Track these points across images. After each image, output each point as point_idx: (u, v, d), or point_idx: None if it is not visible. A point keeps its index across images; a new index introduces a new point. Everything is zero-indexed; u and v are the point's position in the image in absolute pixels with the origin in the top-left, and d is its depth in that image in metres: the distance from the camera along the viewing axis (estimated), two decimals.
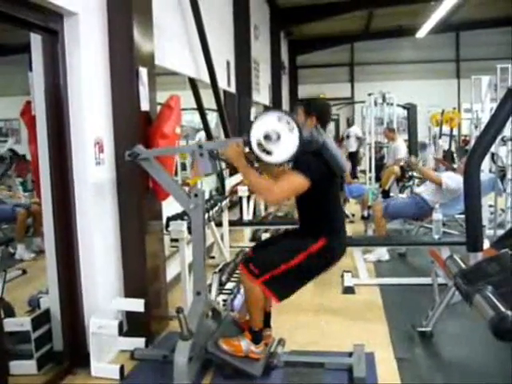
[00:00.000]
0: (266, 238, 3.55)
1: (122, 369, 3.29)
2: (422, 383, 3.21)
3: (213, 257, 5.83)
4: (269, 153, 2.91)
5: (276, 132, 2.86)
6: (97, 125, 3.45)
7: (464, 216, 2.47)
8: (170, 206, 4.11)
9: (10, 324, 3.25)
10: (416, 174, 8.60)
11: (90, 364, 3.29)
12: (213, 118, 9.40)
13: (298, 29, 14.88)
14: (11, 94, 10.23)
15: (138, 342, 3.59)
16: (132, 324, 3.71)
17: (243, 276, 3.25)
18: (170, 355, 3.16)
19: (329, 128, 3.32)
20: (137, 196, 3.71)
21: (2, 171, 7.71)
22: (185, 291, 4.09)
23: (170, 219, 4.21)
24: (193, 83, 6.66)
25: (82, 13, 3.24)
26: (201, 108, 6.96)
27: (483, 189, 3.89)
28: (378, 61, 17.89)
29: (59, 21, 3.17)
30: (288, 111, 3.02)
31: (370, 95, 10.76)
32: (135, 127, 3.65)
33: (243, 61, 8.48)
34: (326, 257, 3.16)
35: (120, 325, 3.34)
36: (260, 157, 2.96)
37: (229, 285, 4.44)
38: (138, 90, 3.63)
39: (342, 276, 5.12)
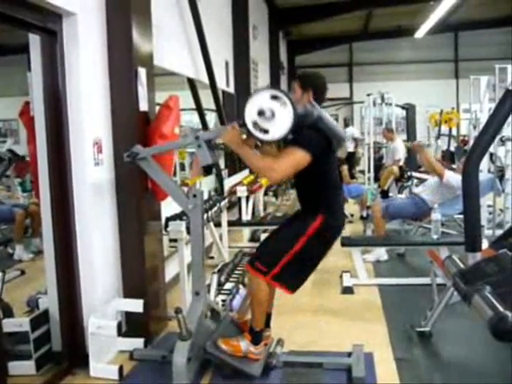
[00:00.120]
0: (267, 235, 3.55)
1: (121, 369, 3.29)
2: (421, 383, 3.21)
3: (212, 257, 5.83)
4: (266, 131, 2.88)
5: (270, 109, 2.83)
6: (95, 125, 3.45)
7: (463, 216, 2.47)
8: (169, 207, 4.11)
9: (9, 324, 3.24)
10: (415, 174, 8.62)
11: (89, 364, 3.29)
12: (212, 119, 9.39)
13: (297, 29, 14.87)
14: (10, 95, 10.22)
15: (137, 343, 3.59)
16: (131, 324, 3.70)
17: (250, 276, 3.26)
18: (169, 355, 3.16)
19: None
20: (136, 196, 3.70)
21: (1, 172, 7.70)
22: (184, 291, 4.09)
23: (169, 219, 4.21)
24: (191, 83, 6.66)
25: (81, 13, 3.24)
26: (200, 108, 6.96)
27: (482, 189, 3.90)
28: (377, 61, 17.88)
29: (58, 21, 3.17)
30: (279, 87, 3.00)
31: (369, 95, 10.77)
32: (134, 127, 3.65)
33: (242, 61, 8.48)
34: (325, 236, 3.17)
35: (119, 325, 3.33)
36: (257, 137, 2.93)
37: (228, 285, 4.43)
38: (137, 91, 3.63)
39: (341, 276, 5.12)
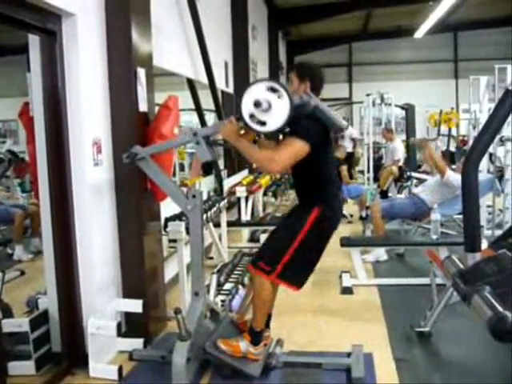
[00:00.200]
0: (267, 235, 3.55)
1: (121, 369, 3.29)
2: (421, 383, 3.22)
3: (211, 257, 5.83)
4: (263, 123, 2.87)
5: (266, 100, 2.82)
6: (95, 125, 3.45)
7: (462, 216, 2.47)
8: (169, 207, 4.11)
9: (9, 325, 3.24)
10: (414, 174, 8.62)
11: (89, 365, 3.29)
12: (211, 119, 9.39)
13: (296, 29, 14.89)
14: (9, 95, 10.21)
15: (137, 343, 3.59)
16: (130, 325, 3.70)
17: (253, 276, 3.26)
18: (169, 356, 3.16)
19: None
20: (135, 197, 3.70)
21: (1, 172, 7.70)
22: (183, 292, 4.09)
23: (169, 220, 4.21)
24: (191, 84, 6.66)
25: (80, 13, 3.23)
26: (199, 109, 6.96)
27: (481, 189, 3.90)
28: (377, 61, 17.91)
29: (57, 22, 3.17)
30: (274, 79, 2.99)
31: (368, 95, 10.76)
32: (133, 128, 3.65)
33: (241, 61, 8.48)
34: (323, 227, 3.16)
35: (118, 325, 3.33)
36: (255, 129, 2.92)
37: (227, 285, 4.43)
38: (136, 91, 3.63)
39: (341, 276, 5.12)
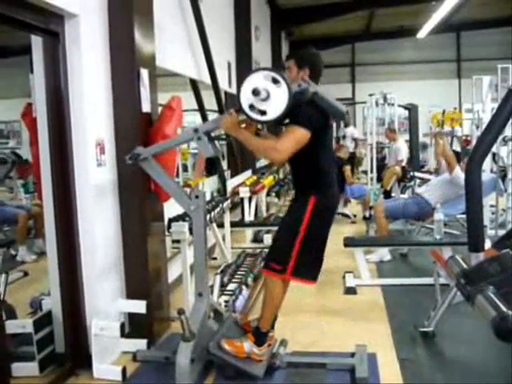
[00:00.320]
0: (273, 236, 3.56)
1: (124, 370, 3.29)
2: (425, 383, 3.21)
3: (215, 258, 5.83)
4: (263, 112, 2.86)
5: (264, 89, 2.80)
6: (98, 126, 3.45)
7: (465, 216, 2.46)
8: (172, 208, 4.11)
9: (12, 326, 3.25)
10: (417, 174, 8.61)
11: (92, 365, 3.29)
12: None
13: (299, 29, 14.88)
14: (12, 96, 10.24)
15: (140, 344, 3.59)
16: (134, 325, 3.70)
17: (266, 278, 3.26)
18: (172, 357, 3.16)
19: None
20: (138, 197, 3.71)
21: (4, 173, 7.73)
22: (186, 292, 4.10)
23: (172, 220, 4.22)
24: (194, 84, 6.66)
25: (83, 14, 3.24)
26: (202, 109, 6.97)
27: (484, 189, 3.88)
28: (379, 61, 17.87)
29: (60, 22, 3.18)
30: (272, 67, 2.98)
31: (372, 96, 10.75)
32: (136, 128, 3.66)
33: (244, 62, 8.48)
34: (322, 214, 3.15)
35: (122, 326, 3.34)
36: (256, 119, 2.90)
37: (230, 286, 4.44)
38: (139, 92, 3.63)
39: (344, 277, 5.12)
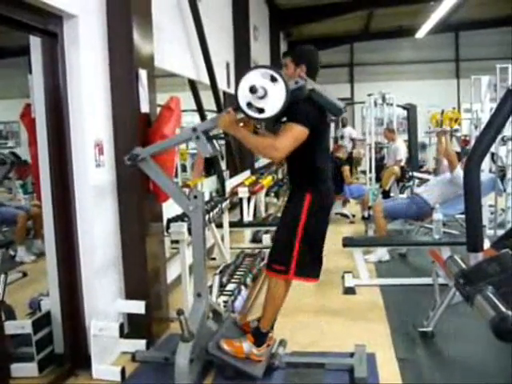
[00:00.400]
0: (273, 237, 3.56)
1: (124, 371, 3.29)
2: (424, 383, 3.21)
3: (213, 258, 5.83)
4: (261, 110, 2.86)
5: (261, 86, 2.80)
6: (97, 127, 3.45)
7: (464, 216, 2.46)
8: (171, 208, 4.11)
9: (11, 327, 3.24)
10: (416, 174, 8.61)
11: (91, 366, 3.29)
12: None
13: (298, 30, 14.88)
14: (11, 97, 10.24)
15: (139, 344, 3.59)
16: (133, 326, 3.71)
17: (269, 279, 3.27)
18: (171, 357, 3.16)
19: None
20: (137, 198, 3.70)
21: (3, 174, 7.72)
22: (185, 293, 4.09)
23: (171, 221, 4.21)
24: (192, 85, 6.66)
25: (82, 15, 3.24)
26: (201, 109, 6.96)
27: (483, 189, 3.88)
28: (378, 61, 17.87)
29: (58, 23, 3.17)
30: (268, 65, 2.97)
31: (370, 96, 10.75)
32: (135, 129, 3.66)
33: (243, 62, 8.48)
34: (318, 210, 3.16)
35: (121, 327, 3.34)
36: (254, 117, 2.90)
37: (229, 286, 4.44)
38: (138, 92, 3.63)
39: (343, 277, 5.13)
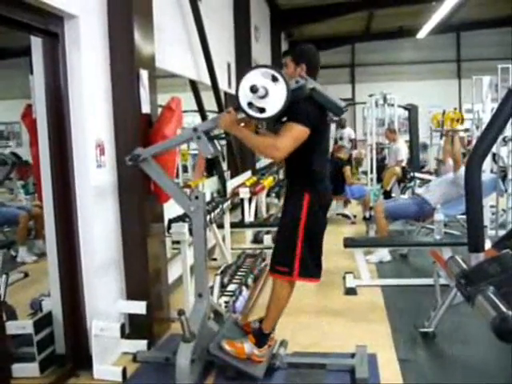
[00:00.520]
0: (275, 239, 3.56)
1: (125, 371, 3.30)
2: None
3: (215, 259, 5.83)
4: (262, 110, 2.86)
5: (262, 86, 2.80)
6: (98, 127, 3.45)
7: (465, 216, 2.46)
8: (172, 208, 4.11)
9: (13, 327, 3.25)
10: (418, 175, 8.60)
11: (93, 366, 3.29)
12: None
13: (299, 30, 14.88)
14: (12, 98, 10.23)
15: (141, 345, 3.59)
16: (134, 326, 3.71)
17: (274, 281, 3.27)
18: (173, 357, 3.16)
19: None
20: (138, 198, 3.71)
21: (5, 174, 7.73)
22: (187, 293, 4.09)
23: (172, 221, 4.21)
24: (193, 85, 6.66)
25: (82, 15, 3.24)
26: (202, 110, 6.96)
27: (485, 189, 3.89)
28: (379, 62, 17.87)
29: (59, 23, 3.18)
30: (269, 64, 2.97)
31: (371, 96, 10.75)
32: (136, 129, 3.66)
33: (244, 62, 8.48)
34: (318, 212, 3.16)
35: (122, 327, 3.34)
36: (255, 116, 2.90)
37: (231, 287, 4.43)
38: (139, 93, 3.63)
39: (344, 277, 5.12)
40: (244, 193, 6.69)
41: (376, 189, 9.29)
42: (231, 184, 6.99)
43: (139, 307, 3.60)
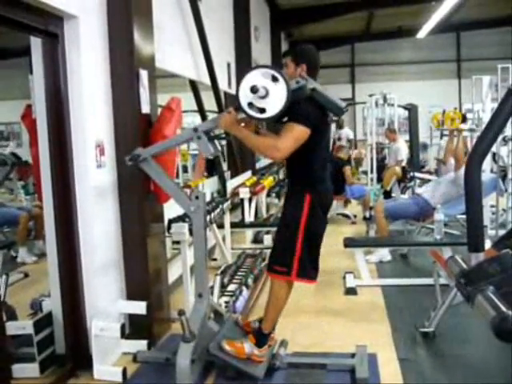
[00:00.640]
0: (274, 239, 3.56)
1: (125, 371, 3.29)
2: None
3: (215, 259, 5.83)
4: (262, 110, 2.85)
5: (263, 86, 2.79)
6: (97, 127, 3.45)
7: (465, 216, 2.46)
8: (172, 208, 4.11)
9: (13, 327, 3.24)
10: (418, 175, 8.60)
11: (93, 366, 3.29)
12: None
13: (299, 30, 14.90)
14: (12, 98, 10.26)
15: (141, 345, 3.59)
16: (134, 326, 3.70)
17: (272, 281, 3.26)
18: (173, 357, 3.16)
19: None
20: (138, 198, 3.71)
21: (4, 175, 7.73)
22: (187, 293, 4.10)
23: (172, 221, 4.22)
24: (193, 85, 6.66)
25: (82, 15, 3.24)
26: (202, 110, 6.96)
27: (485, 189, 3.89)
28: (379, 62, 17.88)
29: (59, 24, 3.18)
30: (269, 65, 2.96)
31: (371, 96, 10.74)
32: (136, 129, 3.66)
33: (244, 62, 8.48)
34: (319, 213, 3.15)
35: (122, 327, 3.34)
36: (255, 117, 2.89)
37: (231, 287, 4.44)
38: (139, 93, 3.63)
39: (344, 277, 5.12)
40: (244, 193, 6.69)
41: (376, 189, 9.29)
42: (231, 184, 6.99)
43: (139, 307, 3.59)
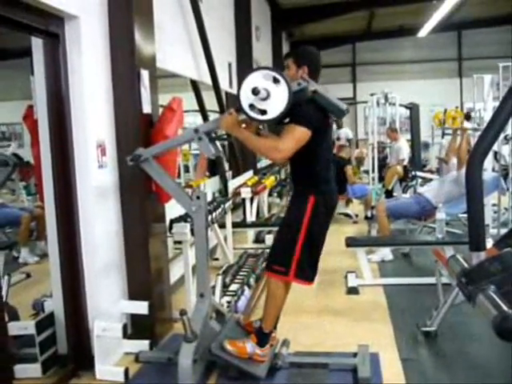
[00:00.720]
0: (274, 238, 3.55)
1: (127, 371, 3.29)
2: (427, 383, 3.20)
3: (216, 259, 5.83)
4: (263, 112, 2.85)
5: (264, 88, 2.79)
6: (99, 128, 3.46)
7: (467, 215, 2.46)
8: (174, 208, 4.11)
9: (15, 328, 3.25)
10: (419, 174, 8.60)
11: (95, 367, 3.30)
12: None
13: (300, 30, 14.89)
14: (13, 99, 10.25)
15: (143, 345, 3.59)
16: (136, 326, 3.71)
17: (269, 280, 3.26)
18: (175, 357, 3.16)
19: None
20: (140, 198, 3.71)
21: (6, 176, 7.73)
22: (188, 293, 4.10)
23: (174, 221, 4.22)
24: (195, 85, 6.66)
25: (83, 16, 3.24)
26: (203, 110, 6.96)
27: (486, 188, 3.89)
28: (380, 61, 17.86)
29: (60, 24, 3.18)
30: (271, 66, 2.95)
31: (373, 95, 10.72)
32: (137, 130, 3.66)
33: (245, 62, 8.48)
34: (322, 216, 3.15)
35: (124, 327, 3.34)
36: (256, 118, 2.89)
37: (233, 286, 4.43)
38: (140, 93, 3.63)
39: (346, 276, 5.11)
40: (246, 192, 6.69)
41: (378, 188, 9.28)
42: (233, 184, 6.99)
43: (141, 307, 3.60)
